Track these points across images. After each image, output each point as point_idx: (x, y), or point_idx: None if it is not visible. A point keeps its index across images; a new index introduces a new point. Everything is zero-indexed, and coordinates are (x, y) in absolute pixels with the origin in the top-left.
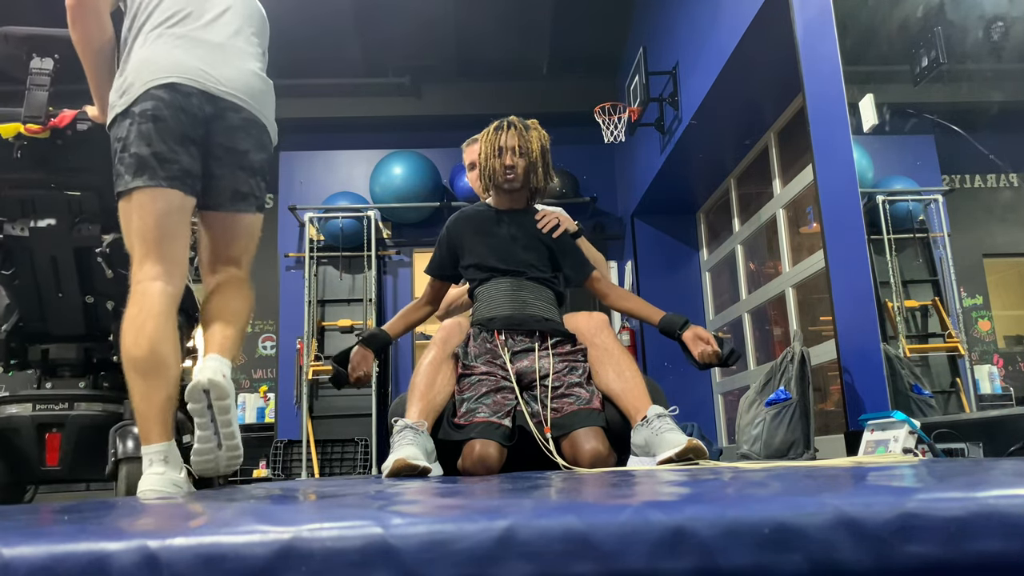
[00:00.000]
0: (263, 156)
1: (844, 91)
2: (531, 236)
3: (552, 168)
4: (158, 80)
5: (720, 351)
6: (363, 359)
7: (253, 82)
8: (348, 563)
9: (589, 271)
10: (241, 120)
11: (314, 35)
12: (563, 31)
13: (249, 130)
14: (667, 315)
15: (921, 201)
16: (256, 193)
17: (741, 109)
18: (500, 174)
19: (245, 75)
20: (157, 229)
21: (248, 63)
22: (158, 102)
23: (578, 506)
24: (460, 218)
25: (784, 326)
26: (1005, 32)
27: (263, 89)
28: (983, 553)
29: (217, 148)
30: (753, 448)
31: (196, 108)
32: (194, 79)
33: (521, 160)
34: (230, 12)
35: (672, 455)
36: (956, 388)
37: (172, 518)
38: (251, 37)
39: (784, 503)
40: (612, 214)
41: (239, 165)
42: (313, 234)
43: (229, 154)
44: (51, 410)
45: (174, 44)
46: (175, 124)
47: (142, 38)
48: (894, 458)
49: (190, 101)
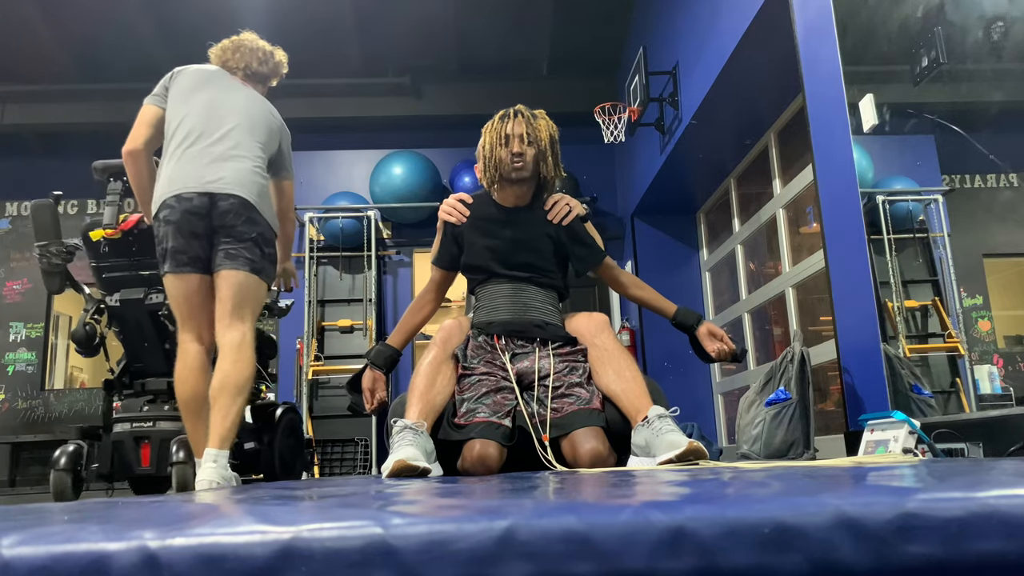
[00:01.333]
0: (253, 229)
1: (844, 91)
2: (537, 235)
3: (561, 161)
4: (169, 192)
5: (735, 349)
6: (375, 383)
7: (244, 177)
8: (348, 563)
9: (601, 258)
10: (230, 204)
11: (314, 35)
12: (563, 31)
13: (238, 211)
14: (682, 309)
15: (921, 201)
16: (246, 255)
17: (741, 109)
18: (507, 163)
19: (237, 173)
20: (185, 304)
21: (242, 163)
22: (170, 209)
23: (578, 506)
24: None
25: (784, 326)
26: (1005, 32)
27: (254, 180)
28: (983, 553)
29: (216, 228)
30: (753, 448)
31: (196, 206)
32: (193, 187)
33: (530, 149)
34: (236, 130)
35: (672, 457)
36: (956, 388)
37: (172, 518)
38: (253, 145)
39: (784, 503)
40: (612, 214)
41: (229, 235)
42: (313, 234)
43: (223, 229)
44: (142, 427)
45: (186, 161)
46: (184, 224)
47: (167, 157)
48: (894, 458)
49: (191, 203)
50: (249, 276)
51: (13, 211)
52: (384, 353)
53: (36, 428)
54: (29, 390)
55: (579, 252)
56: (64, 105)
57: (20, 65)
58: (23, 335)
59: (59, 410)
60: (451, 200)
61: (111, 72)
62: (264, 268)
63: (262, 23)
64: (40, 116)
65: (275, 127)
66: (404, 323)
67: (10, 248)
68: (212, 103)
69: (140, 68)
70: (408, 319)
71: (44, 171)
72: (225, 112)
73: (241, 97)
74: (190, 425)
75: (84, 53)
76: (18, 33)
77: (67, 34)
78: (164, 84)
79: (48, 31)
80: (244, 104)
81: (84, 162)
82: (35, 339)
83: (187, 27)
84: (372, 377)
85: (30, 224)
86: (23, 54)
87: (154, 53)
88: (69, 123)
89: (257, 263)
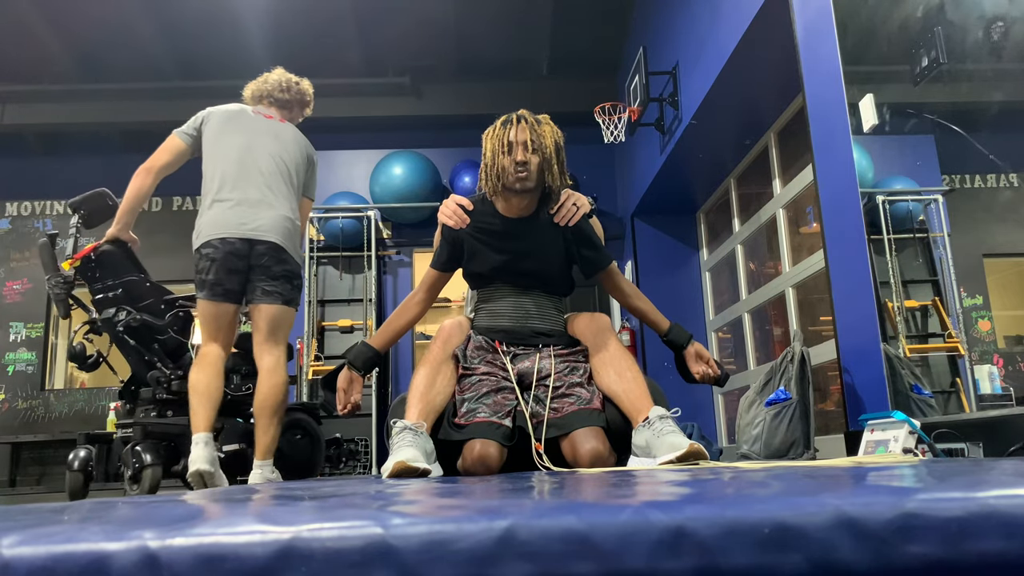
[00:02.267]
0: (284, 267)
1: (844, 91)
2: (543, 245)
3: (566, 167)
4: (215, 235)
5: (719, 375)
6: (351, 384)
7: (276, 223)
8: (348, 563)
9: (606, 264)
10: (265, 248)
11: (314, 35)
12: (563, 31)
13: (271, 253)
14: (675, 326)
15: (921, 201)
16: (279, 291)
17: (741, 109)
18: (511, 172)
19: (271, 220)
20: (213, 324)
21: (274, 211)
22: (214, 249)
23: (578, 506)
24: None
25: (784, 326)
26: (1005, 32)
27: (284, 226)
28: (983, 553)
29: (254, 267)
30: (753, 448)
31: (238, 249)
32: (235, 232)
33: (534, 156)
34: (271, 176)
35: (673, 458)
36: (956, 388)
37: (172, 518)
38: (285, 189)
39: (784, 503)
40: (612, 214)
41: (265, 275)
42: (313, 234)
43: (258, 269)
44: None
45: (226, 208)
46: (224, 261)
47: (207, 202)
48: (894, 458)
49: (234, 246)
50: (281, 308)
51: (13, 211)
52: (364, 355)
53: (36, 428)
54: (29, 390)
55: (586, 254)
56: (64, 105)
57: (20, 65)
58: (23, 335)
59: (59, 410)
60: (451, 204)
61: (111, 72)
62: (294, 298)
63: (262, 24)
64: (40, 116)
65: (306, 160)
66: (389, 324)
67: (10, 248)
68: (247, 148)
69: (140, 68)
70: (394, 320)
71: (44, 171)
72: (260, 158)
73: (271, 139)
74: (193, 404)
75: (84, 53)
76: (18, 33)
77: (67, 34)
78: (195, 125)
79: (48, 31)
80: (275, 148)
81: (84, 162)
82: (35, 339)
83: (187, 27)
84: (348, 378)
85: (30, 224)
86: (23, 54)
87: (154, 53)
88: (69, 123)
89: (287, 295)
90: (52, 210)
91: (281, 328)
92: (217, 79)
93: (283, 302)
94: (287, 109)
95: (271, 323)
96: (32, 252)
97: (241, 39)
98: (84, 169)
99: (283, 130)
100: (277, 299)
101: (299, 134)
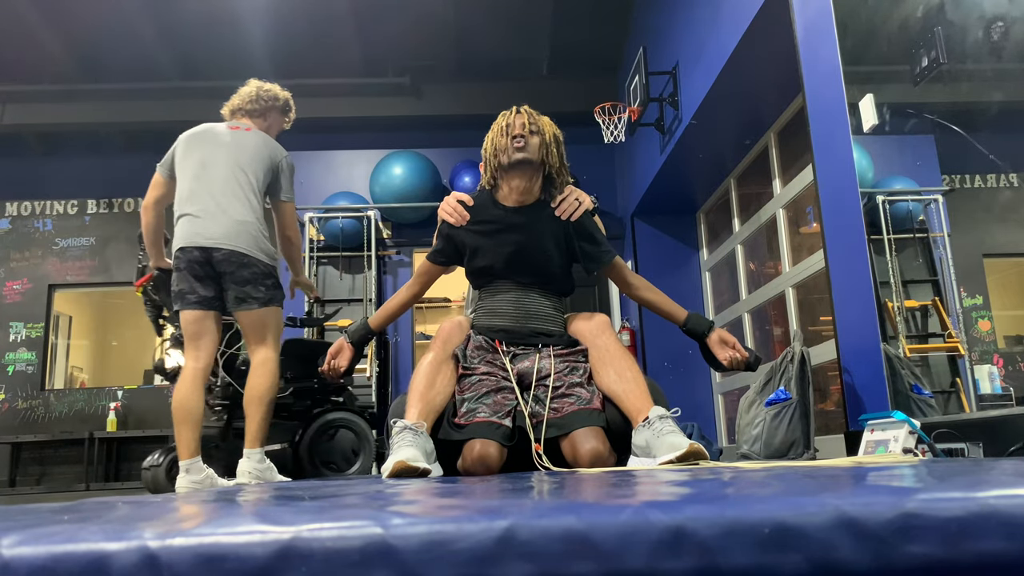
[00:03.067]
0: (249, 271)
1: (844, 91)
2: (543, 236)
3: (566, 162)
4: (176, 247)
5: (748, 357)
6: (340, 353)
7: (231, 229)
8: (348, 563)
9: (610, 258)
10: (223, 255)
11: (314, 35)
12: (563, 31)
13: (229, 259)
14: (693, 315)
15: (921, 201)
16: (252, 295)
17: (741, 109)
18: (509, 146)
19: (223, 227)
20: (189, 330)
21: (228, 217)
22: (177, 260)
23: (578, 506)
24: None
25: (784, 326)
26: (1005, 32)
27: (241, 230)
28: (983, 553)
29: (222, 275)
30: (753, 448)
31: (196, 258)
32: (192, 242)
33: (533, 137)
34: (225, 183)
35: (673, 458)
36: (956, 388)
37: (172, 518)
38: (240, 193)
39: (784, 503)
40: (612, 214)
41: (232, 281)
42: (313, 234)
43: (226, 276)
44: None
45: (188, 222)
46: (188, 270)
47: (176, 218)
48: (894, 458)
49: (193, 254)
50: (257, 311)
51: (13, 211)
52: (361, 333)
53: (36, 428)
54: (29, 390)
55: (588, 250)
56: (64, 105)
57: (20, 65)
58: (23, 335)
59: (59, 410)
60: (451, 200)
61: (111, 72)
62: (271, 297)
63: (262, 24)
64: (40, 116)
65: (268, 161)
66: (384, 306)
67: (10, 248)
68: (202, 163)
69: (140, 68)
70: (388, 304)
71: (44, 171)
72: (213, 169)
73: (225, 149)
74: (176, 430)
75: (84, 53)
76: (18, 33)
77: (67, 34)
78: (168, 155)
79: (48, 31)
80: (229, 156)
81: (84, 162)
82: (35, 339)
83: (187, 27)
84: (340, 346)
85: (30, 224)
86: (23, 54)
87: (154, 53)
88: (69, 123)
89: (262, 296)
90: (52, 210)
91: (266, 329)
92: (217, 79)
93: (259, 305)
94: (261, 117)
95: (252, 328)
96: (32, 252)
97: (241, 39)
98: (84, 169)
99: (247, 138)
100: (252, 304)
101: (265, 139)
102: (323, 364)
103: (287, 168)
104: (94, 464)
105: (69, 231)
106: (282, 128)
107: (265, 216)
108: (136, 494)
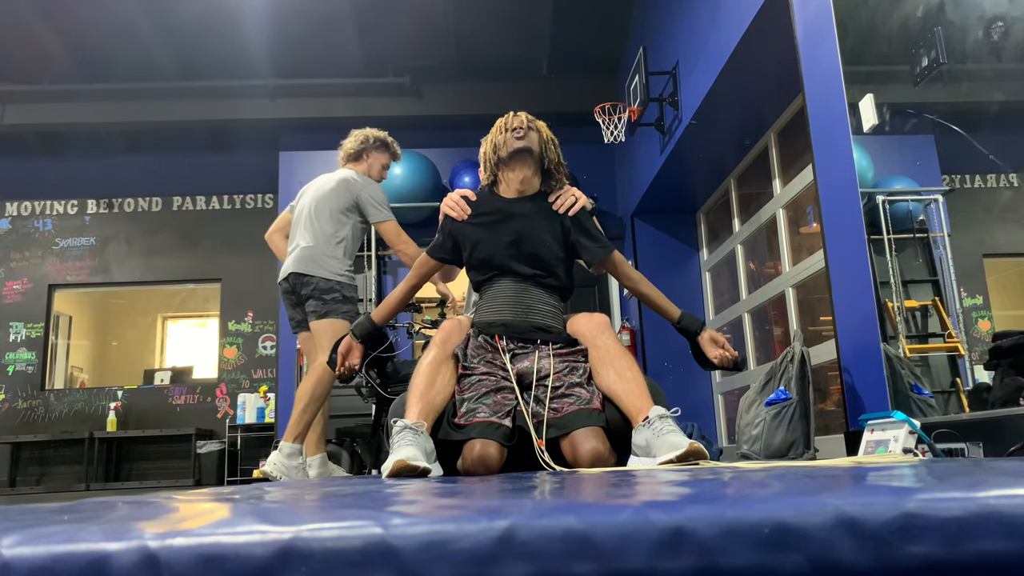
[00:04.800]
0: (308, 289)
1: (844, 91)
2: (542, 227)
3: (564, 160)
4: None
5: (736, 357)
6: (350, 351)
7: (297, 257)
8: (348, 563)
9: (609, 252)
10: (293, 280)
11: (314, 35)
12: (563, 31)
13: (296, 280)
14: (687, 314)
15: (921, 201)
16: (312, 310)
17: (741, 109)
18: (509, 138)
19: (294, 257)
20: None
21: (298, 248)
22: (279, 289)
23: (578, 506)
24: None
25: (784, 326)
26: (1005, 32)
27: (303, 256)
28: (983, 553)
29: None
30: (753, 448)
31: (285, 288)
32: (282, 275)
33: (532, 132)
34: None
35: (673, 458)
36: (956, 388)
37: (172, 518)
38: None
39: (784, 503)
40: (612, 214)
41: (300, 301)
42: None
43: (301, 297)
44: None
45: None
46: (286, 299)
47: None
48: (894, 458)
49: (286, 284)
50: (315, 323)
51: (13, 211)
52: (364, 327)
53: (36, 428)
54: (29, 390)
55: (586, 243)
56: (64, 105)
57: (20, 65)
58: (23, 335)
59: (59, 410)
60: (455, 195)
61: (111, 72)
62: (329, 311)
63: (263, 23)
64: (40, 116)
65: (345, 195)
66: (386, 301)
67: (10, 248)
68: (301, 207)
69: (140, 68)
70: (389, 298)
71: (44, 171)
72: (304, 209)
73: (312, 191)
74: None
75: (84, 53)
76: (18, 33)
77: (67, 34)
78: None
79: (48, 31)
80: (311, 197)
81: (84, 162)
82: (35, 339)
83: (187, 27)
84: (348, 344)
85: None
86: (23, 54)
87: (154, 53)
88: (69, 123)
89: (319, 309)
90: (52, 210)
91: (322, 338)
92: (217, 79)
93: (316, 318)
94: (358, 160)
95: (315, 337)
96: (32, 252)
97: (241, 39)
98: (84, 169)
99: (328, 178)
100: (312, 317)
101: (346, 177)
102: (336, 369)
103: (367, 198)
104: (94, 464)
105: (69, 231)
106: (389, 163)
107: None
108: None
